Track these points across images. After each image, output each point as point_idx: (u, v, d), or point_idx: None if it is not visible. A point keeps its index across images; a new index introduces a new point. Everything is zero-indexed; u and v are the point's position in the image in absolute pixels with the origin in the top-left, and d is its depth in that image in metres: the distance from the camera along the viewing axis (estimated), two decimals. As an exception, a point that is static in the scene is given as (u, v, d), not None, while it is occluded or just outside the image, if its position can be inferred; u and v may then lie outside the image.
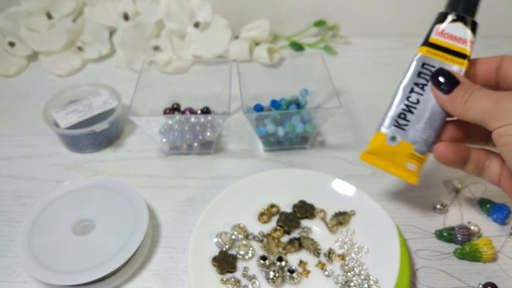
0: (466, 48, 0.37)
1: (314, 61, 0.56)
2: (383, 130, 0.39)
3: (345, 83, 0.65)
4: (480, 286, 0.39)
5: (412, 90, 0.38)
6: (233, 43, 0.68)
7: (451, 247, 0.43)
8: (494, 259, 0.42)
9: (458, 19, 0.37)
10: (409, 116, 0.38)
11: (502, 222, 0.45)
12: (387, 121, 0.39)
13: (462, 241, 0.42)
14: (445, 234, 0.43)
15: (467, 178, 0.49)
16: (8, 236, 0.45)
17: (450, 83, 0.36)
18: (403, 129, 0.38)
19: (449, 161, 0.38)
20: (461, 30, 0.37)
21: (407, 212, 0.46)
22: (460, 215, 0.46)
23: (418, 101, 0.38)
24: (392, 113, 0.39)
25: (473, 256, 0.41)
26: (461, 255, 0.42)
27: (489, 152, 0.39)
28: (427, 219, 0.46)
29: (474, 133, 0.39)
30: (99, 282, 0.39)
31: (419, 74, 0.38)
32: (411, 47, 0.72)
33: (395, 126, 0.39)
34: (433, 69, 0.38)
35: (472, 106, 0.34)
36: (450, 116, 0.38)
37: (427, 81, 0.38)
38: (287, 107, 0.54)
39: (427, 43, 0.38)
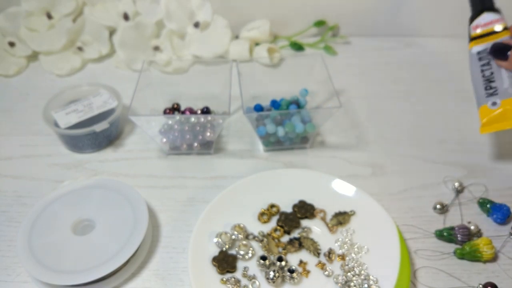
0: (501, 23, 0.48)
1: (314, 61, 0.56)
2: (483, 103, 0.46)
3: (345, 83, 0.64)
4: (480, 286, 0.39)
5: (482, 71, 0.47)
6: (233, 43, 0.68)
7: (451, 247, 0.43)
8: (494, 259, 0.42)
9: (482, 12, 0.49)
10: (493, 84, 0.46)
11: (502, 222, 0.45)
12: (481, 97, 0.47)
13: (462, 241, 0.42)
14: (445, 234, 0.43)
15: (467, 178, 0.49)
16: (8, 236, 0.45)
17: (505, 50, 0.45)
18: (496, 94, 0.46)
19: None
20: (489, 16, 0.49)
21: (407, 212, 0.46)
22: (460, 215, 0.46)
23: (491, 74, 0.47)
24: (481, 91, 0.47)
25: (473, 256, 0.41)
26: (461, 255, 0.42)
27: None
28: (427, 219, 0.46)
29: None
30: (99, 282, 0.39)
31: (480, 59, 0.48)
32: (411, 47, 0.74)
33: (488, 95, 0.46)
34: (487, 49, 0.47)
35: None
36: None
37: (488, 59, 0.47)
38: (287, 107, 0.54)
39: (472, 39, 0.49)
